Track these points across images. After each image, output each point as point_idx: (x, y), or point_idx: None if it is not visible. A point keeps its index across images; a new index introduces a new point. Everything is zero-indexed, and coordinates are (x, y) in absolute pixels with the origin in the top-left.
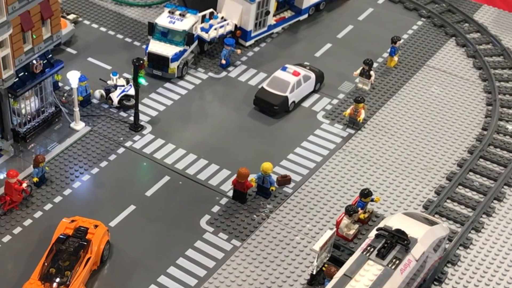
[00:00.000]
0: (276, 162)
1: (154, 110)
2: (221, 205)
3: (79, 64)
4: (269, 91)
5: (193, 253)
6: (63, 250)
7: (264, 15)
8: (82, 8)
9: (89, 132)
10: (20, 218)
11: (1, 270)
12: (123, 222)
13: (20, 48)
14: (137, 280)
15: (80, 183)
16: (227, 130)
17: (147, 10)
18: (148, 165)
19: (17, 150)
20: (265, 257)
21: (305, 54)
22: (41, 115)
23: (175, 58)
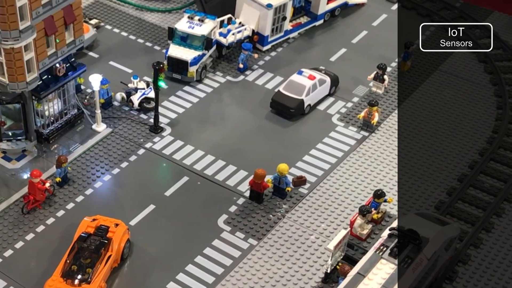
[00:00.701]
0: (292, 164)
1: (173, 112)
2: (238, 205)
3: (101, 68)
4: (285, 94)
5: (211, 251)
6: (85, 248)
7: (280, 21)
8: (104, 13)
9: (110, 134)
10: (43, 217)
11: (24, 267)
12: (143, 221)
13: (44, 52)
14: (156, 278)
15: (102, 183)
16: (244, 132)
17: (167, 16)
18: (167, 165)
19: (40, 150)
20: (281, 255)
21: (321, 58)
22: (64, 117)
23: (194, 62)
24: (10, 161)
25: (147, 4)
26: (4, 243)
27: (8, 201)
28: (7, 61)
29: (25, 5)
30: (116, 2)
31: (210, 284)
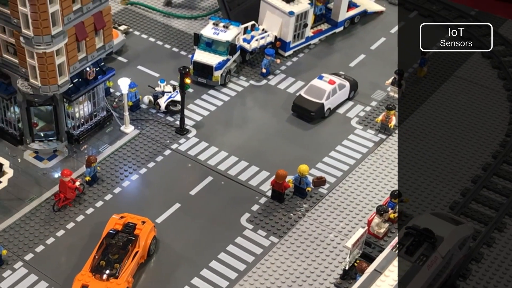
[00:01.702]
0: (312, 165)
1: (198, 115)
2: (260, 204)
3: (129, 72)
4: (306, 98)
5: (234, 248)
6: (113, 244)
7: (302, 28)
8: (132, 19)
9: (138, 135)
10: (73, 214)
11: (55, 262)
12: (169, 219)
13: (75, 56)
14: (181, 273)
15: (129, 182)
16: (266, 134)
17: (193, 22)
18: (193, 166)
19: (71, 151)
20: (301, 253)
21: (340, 64)
22: (94, 118)
23: (218, 66)
24: (42, 161)
25: (174, 11)
26: (36, 239)
27: (39, 199)
28: (39, 65)
29: (57, 11)
30: (144, 9)
31: (233, 279)
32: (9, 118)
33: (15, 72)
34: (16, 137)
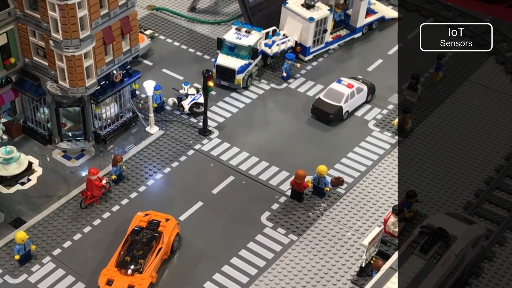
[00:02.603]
0: (330, 165)
1: (221, 116)
2: (280, 203)
3: (155, 75)
4: (325, 101)
5: (254, 245)
6: (138, 240)
7: (322, 33)
8: (158, 24)
9: (162, 136)
10: (100, 211)
11: (82, 257)
12: (192, 216)
13: (102, 59)
14: (203, 269)
15: (154, 181)
16: (286, 136)
17: (217, 27)
18: (215, 165)
19: (98, 150)
20: (319, 250)
21: (359, 68)
22: (120, 119)
23: (241, 70)
24: (70, 160)
25: (198, 16)
26: (64, 235)
27: (67, 196)
28: (68, 67)
29: (85, 16)
30: (170, 14)
31: (253, 275)
32: (39, 118)
33: (44, 74)
34: (45, 136)
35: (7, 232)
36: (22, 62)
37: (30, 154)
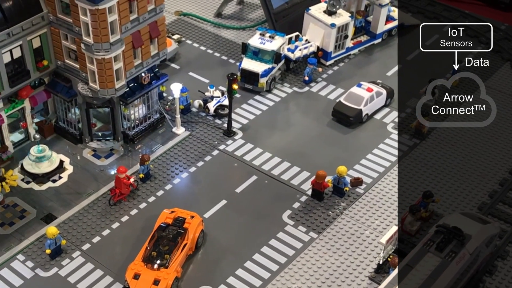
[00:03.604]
0: (350, 166)
1: (245, 118)
2: (301, 202)
3: (181, 78)
4: (345, 105)
5: (276, 242)
6: (164, 236)
7: (343, 39)
8: (185, 29)
9: (188, 136)
10: (128, 208)
11: (110, 252)
12: (216, 214)
13: (131, 62)
14: (226, 264)
15: (180, 179)
16: (308, 137)
17: (241, 32)
18: (239, 165)
19: (126, 150)
20: (338, 247)
21: (378, 73)
22: (148, 120)
23: (264, 74)
24: (100, 159)
25: (224, 22)
26: (93, 231)
27: (97, 193)
28: (98, 70)
29: (115, 21)
30: (196, 19)
31: (274, 271)
32: (70, 118)
33: (76, 76)
34: (76, 136)
35: (39, 227)
36: (54, 65)
37: (61, 153)
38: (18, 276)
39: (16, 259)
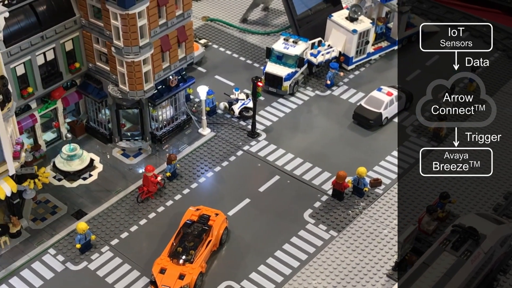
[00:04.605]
0: (369, 167)
1: (268, 120)
2: (321, 201)
3: (208, 81)
4: (366, 108)
5: (297, 240)
6: (189, 233)
7: (364, 44)
8: (212, 34)
9: (213, 137)
10: (155, 206)
11: (137, 247)
12: (239, 212)
13: (160, 65)
14: (249, 261)
15: (205, 178)
16: (329, 139)
17: (266, 38)
18: (262, 165)
19: (154, 149)
20: (358, 246)
21: (398, 77)
22: (175, 121)
23: (287, 77)
24: (128, 158)
25: (249, 27)
26: (121, 227)
27: (125, 191)
28: (128, 72)
29: (144, 25)
30: (223, 25)
31: (295, 268)
32: (101, 119)
33: (106, 78)
34: (106, 136)
35: (69, 223)
36: (86, 67)
37: (92, 151)
38: (49, 269)
39: (48, 253)
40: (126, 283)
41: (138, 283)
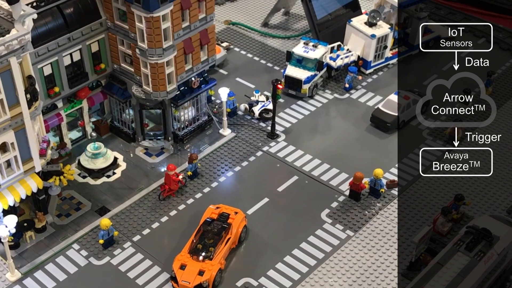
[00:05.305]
0: (386, 169)
1: (288, 122)
2: (339, 201)
3: (229, 83)
4: (383, 111)
5: (314, 239)
6: (209, 230)
7: (382, 49)
8: (233, 37)
9: (234, 138)
10: (176, 203)
11: (159, 243)
12: (258, 211)
13: (182, 67)
14: (267, 258)
15: (225, 178)
16: (347, 141)
17: (286, 41)
18: (281, 166)
19: (176, 149)
20: (373, 245)
21: (415, 82)
22: (196, 122)
23: (307, 80)
24: (151, 156)
25: (270, 31)
26: (143, 223)
27: (147, 189)
28: (151, 73)
29: (168, 28)
30: (244, 28)
31: (312, 266)
32: (124, 119)
33: (130, 79)
34: (129, 135)
35: (93, 219)
36: (111, 68)
37: (115, 150)
38: (73, 264)
39: (72, 248)
40: (147, 278)
41: (159, 279)
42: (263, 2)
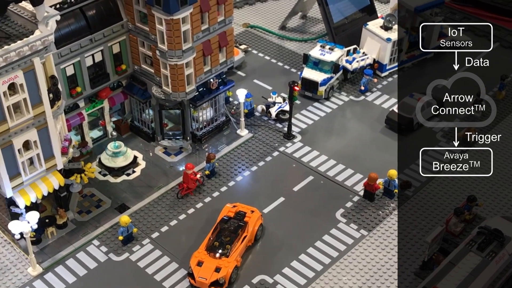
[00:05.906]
0: (400, 170)
1: (304, 123)
2: (353, 201)
3: (246, 84)
4: (398, 113)
5: (329, 238)
6: (226, 228)
7: (397, 52)
8: (252, 40)
9: (251, 138)
10: (193, 202)
11: (176, 240)
12: (274, 210)
13: (201, 69)
14: (282, 256)
15: (242, 177)
16: (362, 142)
17: (303, 44)
18: (297, 166)
19: (194, 148)
20: (387, 245)
21: (429, 85)
22: (214, 122)
23: (323, 83)
24: (170, 156)
25: (288, 34)
26: (162, 221)
27: (166, 187)
28: (171, 74)
29: (188, 30)
30: (262, 31)
31: (326, 264)
32: (144, 118)
33: (150, 80)
34: (149, 134)
35: (113, 216)
36: (131, 69)
37: (135, 149)
38: (93, 260)
39: (92, 244)
40: (165, 274)
41: (176, 275)
42: (281, 6)
